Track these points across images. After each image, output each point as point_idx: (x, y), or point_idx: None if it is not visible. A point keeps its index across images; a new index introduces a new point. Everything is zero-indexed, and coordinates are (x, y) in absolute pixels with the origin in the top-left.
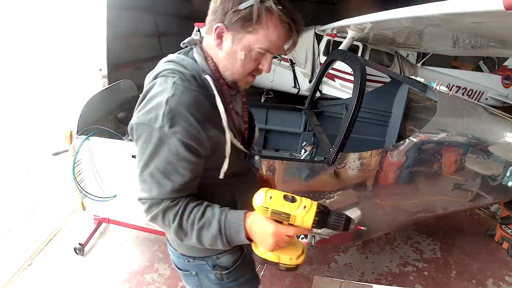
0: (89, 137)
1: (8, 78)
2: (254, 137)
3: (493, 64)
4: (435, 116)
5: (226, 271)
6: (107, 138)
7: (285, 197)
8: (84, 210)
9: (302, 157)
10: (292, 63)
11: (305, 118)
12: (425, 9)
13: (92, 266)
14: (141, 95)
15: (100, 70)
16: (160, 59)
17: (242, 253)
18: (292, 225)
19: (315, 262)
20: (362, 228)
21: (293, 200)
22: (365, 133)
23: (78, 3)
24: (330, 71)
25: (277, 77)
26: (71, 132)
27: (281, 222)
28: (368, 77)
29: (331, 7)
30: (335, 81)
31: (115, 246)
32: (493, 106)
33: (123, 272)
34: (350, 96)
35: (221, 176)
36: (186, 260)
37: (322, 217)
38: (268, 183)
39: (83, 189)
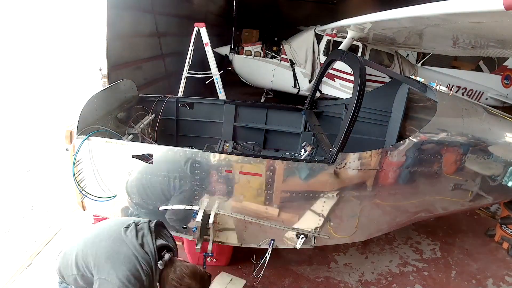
0: (89, 137)
1: (8, 78)
2: None
3: (493, 64)
4: (435, 116)
5: None
6: (107, 138)
7: None
8: (84, 210)
9: (302, 157)
10: (292, 63)
11: (305, 118)
12: (425, 9)
13: None
14: None
15: (100, 70)
16: (160, 59)
17: None
18: None
19: (315, 262)
20: None
21: None
22: (365, 133)
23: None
24: (330, 71)
25: (277, 77)
26: (71, 132)
27: None
28: (368, 77)
29: (331, 7)
30: (335, 81)
31: None
32: (493, 106)
33: None
34: (350, 96)
35: None
36: None
37: None
38: None
39: (83, 189)
